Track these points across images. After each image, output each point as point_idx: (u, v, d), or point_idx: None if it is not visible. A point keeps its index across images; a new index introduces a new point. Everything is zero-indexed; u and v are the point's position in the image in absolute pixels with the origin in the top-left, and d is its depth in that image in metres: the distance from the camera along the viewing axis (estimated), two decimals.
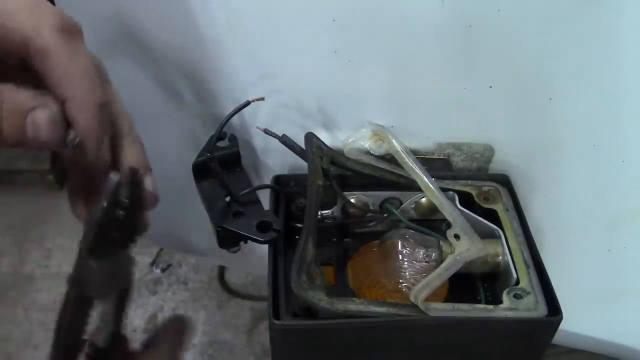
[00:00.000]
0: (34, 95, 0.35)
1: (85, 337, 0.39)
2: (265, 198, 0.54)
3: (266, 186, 0.55)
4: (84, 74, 0.36)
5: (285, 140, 0.53)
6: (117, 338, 0.41)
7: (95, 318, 0.40)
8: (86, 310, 0.38)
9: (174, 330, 0.44)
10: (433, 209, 0.53)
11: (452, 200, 0.53)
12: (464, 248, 0.49)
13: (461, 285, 0.50)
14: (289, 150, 0.53)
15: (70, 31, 0.36)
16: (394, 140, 0.54)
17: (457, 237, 0.50)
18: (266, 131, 0.52)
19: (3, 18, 0.34)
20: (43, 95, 0.35)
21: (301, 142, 0.52)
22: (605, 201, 0.56)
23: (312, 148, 0.51)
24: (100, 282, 0.38)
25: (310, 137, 0.52)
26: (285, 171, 0.59)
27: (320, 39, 0.51)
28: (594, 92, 0.50)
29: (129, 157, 0.40)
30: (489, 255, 0.50)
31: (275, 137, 0.52)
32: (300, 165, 0.52)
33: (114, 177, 0.36)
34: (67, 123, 0.35)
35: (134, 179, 0.38)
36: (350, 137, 0.55)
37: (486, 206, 0.54)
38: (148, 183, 0.40)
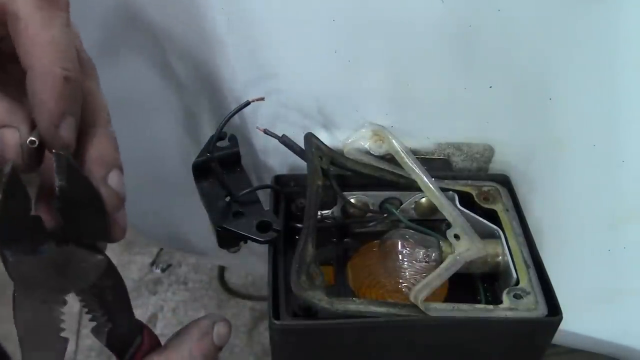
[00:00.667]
0: (8, 109, 0.34)
1: (63, 335, 0.38)
2: (265, 198, 0.54)
3: (266, 186, 0.55)
4: (51, 44, 0.34)
5: (285, 141, 0.53)
6: (133, 328, 0.41)
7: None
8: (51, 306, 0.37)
9: (201, 332, 0.43)
10: (433, 209, 0.53)
11: (452, 200, 0.53)
12: (464, 248, 0.49)
13: (461, 285, 0.50)
14: (289, 150, 0.53)
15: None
16: (393, 140, 0.54)
17: (457, 237, 0.50)
18: (266, 131, 0.52)
19: None
20: (18, 111, 0.34)
21: (301, 142, 0.52)
22: (605, 201, 0.56)
23: (311, 148, 0.51)
24: (32, 277, 0.36)
25: (309, 137, 0.52)
26: (285, 171, 0.59)
27: (320, 39, 0.50)
28: (594, 92, 0.50)
29: (94, 150, 0.37)
30: (489, 255, 0.50)
31: (275, 137, 0.52)
32: (300, 165, 0.52)
33: (8, 164, 0.33)
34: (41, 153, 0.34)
35: (69, 167, 0.35)
36: (350, 137, 0.55)
37: (486, 206, 0.54)
38: (113, 180, 0.37)
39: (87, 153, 0.37)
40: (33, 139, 0.34)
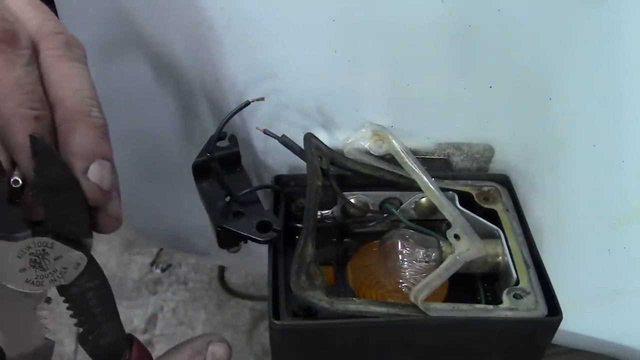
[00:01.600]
0: None
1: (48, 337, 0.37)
2: (265, 198, 0.54)
3: (266, 186, 0.55)
4: (16, 86, 0.34)
5: (285, 141, 0.53)
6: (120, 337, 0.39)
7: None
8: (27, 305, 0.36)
9: (193, 350, 0.41)
10: (433, 209, 0.53)
11: (452, 200, 0.53)
12: (464, 248, 0.49)
13: (461, 285, 0.50)
14: (289, 151, 0.53)
15: (7, 40, 0.34)
16: (394, 140, 0.54)
17: (457, 237, 0.49)
18: (265, 131, 0.52)
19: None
20: None
21: (301, 142, 0.52)
22: (605, 201, 0.56)
23: (311, 148, 0.51)
24: (4, 263, 0.35)
25: (309, 137, 0.52)
26: (285, 171, 0.59)
27: (320, 39, 0.50)
28: (594, 92, 0.50)
29: (73, 142, 0.35)
30: (489, 255, 0.50)
31: (275, 138, 0.52)
32: (300, 165, 0.52)
33: None
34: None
35: (45, 151, 0.33)
36: (350, 137, 0.55)
37: (486, 206, 0.54)
38: (94, 173, 0.36)
39: (67, 146, 0.36)
40: (17, 179, 0.34)
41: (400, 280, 0.49)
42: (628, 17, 0.45)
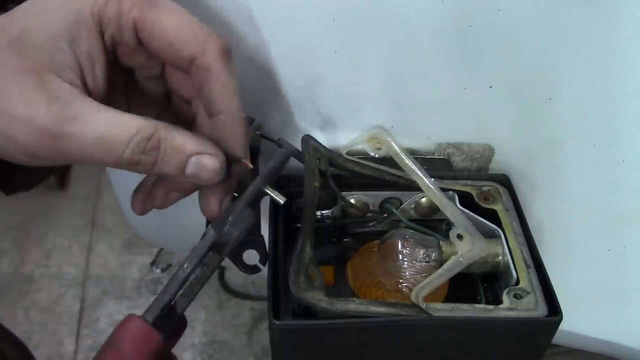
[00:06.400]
0: (194, 140, 0.41)
1: None
2: (265, 198, 0.54)
3: None
4: (236, 92, 0.42)
5: (282, 144, 0.52)
6: None
7: None
8: None
9: None
10: (433, 209, 0.53)
11: (452, 200, 0.53)
12: (467, 248, 0.49)
13: (461, 285, 0.50)
14: None
15: (228, 53, 0.41)
16: (392, 143, 0.54)
17: (459, 237, 0.50)
18: (262, 135, 0.52)
19: (172, 36, 0.41)
20: (202, 141, 0.41)
21: (299, 144, 0.52)
22: (605, 201, 0.56)
23: (308, 150, 0.51)
24: None
25: (307, 139, 0.52)
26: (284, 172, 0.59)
27: (320, 39, 0.50)
28: (594, 92, 0.50)
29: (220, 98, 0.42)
30: (489, 255, 0.50)
31: (272, 141, 0.52)
32: (300, 165, 0.52)
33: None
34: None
35: None
36: (349, 140, 0.55)
37: (486, 206, 0.54)
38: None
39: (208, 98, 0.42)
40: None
41: (400, 280, 0.49)
42: (628, 18, 0.45)
